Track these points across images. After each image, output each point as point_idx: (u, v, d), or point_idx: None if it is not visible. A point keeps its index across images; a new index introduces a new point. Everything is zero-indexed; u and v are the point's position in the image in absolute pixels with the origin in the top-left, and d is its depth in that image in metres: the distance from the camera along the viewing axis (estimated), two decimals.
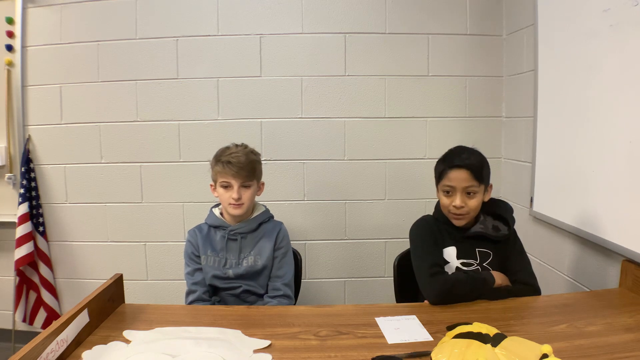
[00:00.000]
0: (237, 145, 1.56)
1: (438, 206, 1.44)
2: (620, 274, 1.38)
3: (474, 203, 1.32)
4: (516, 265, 1.36)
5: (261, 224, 1.58)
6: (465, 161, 1.30)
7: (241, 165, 1.47)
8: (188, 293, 1.53)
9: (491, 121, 2.28)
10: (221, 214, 1.59)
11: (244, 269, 1.52)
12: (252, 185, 1.52)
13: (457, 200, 1.31)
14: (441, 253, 1.38)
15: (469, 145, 1.41)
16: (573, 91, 1.66)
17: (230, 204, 1.49)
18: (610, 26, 1.43)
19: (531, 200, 1.97)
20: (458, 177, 1.30)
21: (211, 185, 1.57)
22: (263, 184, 1.62)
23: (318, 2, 2.21)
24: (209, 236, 1.57)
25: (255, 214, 1.59)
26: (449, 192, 1.33)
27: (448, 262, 1.38)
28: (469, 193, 1.31)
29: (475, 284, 1.26)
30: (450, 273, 1.34)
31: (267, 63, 2.23)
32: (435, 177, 1.40)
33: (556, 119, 1.78)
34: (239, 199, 1.48)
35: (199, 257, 1.55)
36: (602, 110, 1.49)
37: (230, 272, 1.52)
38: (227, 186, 1.50)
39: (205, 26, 2.22)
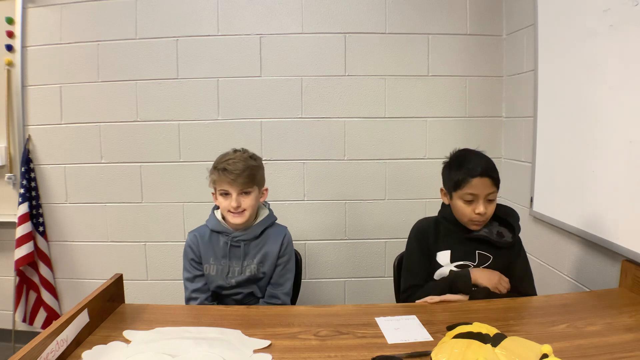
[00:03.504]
0: (235, 151, 1.49)
1: (446, 207, 1.42)
2: (620, 274, 1.38)
3: (493, 208, 1.34)
4: (520, 273, 1.39)
5: (265, 229, 1.52)
6: (486, 168, 1.30)
7: (238, 172, 1.40)
8: (188, 299, 1.49)
9: (491, 121, 2.28)
10: (223, 217, 1.51)
11: (246, 277, 1.48)
12: (252, 192, 1.45)
13: (481, 207, 1.30)
14: (432, 260, 1.40)
15: (474, 147, 1.40)
16: (573, 91, 1.66)
17: (229, 211, 1.43)
18: (610, 26, 1.43)
19: (531, 200, 1.97)
20: (481, 184, 1.29)
21: (212, 193, 1.51)
22: (266, 189, 1.55)
23: (318, 2, 2.21)
24: (210, 242, 1.50)
25: (259, 219, 1.52)
26: (471, 200, 1.32)
27: (441, 266, 1.38)
28: (489, 200, 1.32)
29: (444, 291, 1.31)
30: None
31: (267, 63, 2.23)
32: (450, 184, 1.36)
33: (556, 119, 1.78)
34: (238, 207, 1.42)
35: (200, 263, 1.50)
36: (602, 110, 1.49)
37: (233, 282, 1.48)
38: (225, 194, 1.44)
39: (205, 26, 2.22)
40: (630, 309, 1.18)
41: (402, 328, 1.08)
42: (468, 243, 1.38)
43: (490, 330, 0.93)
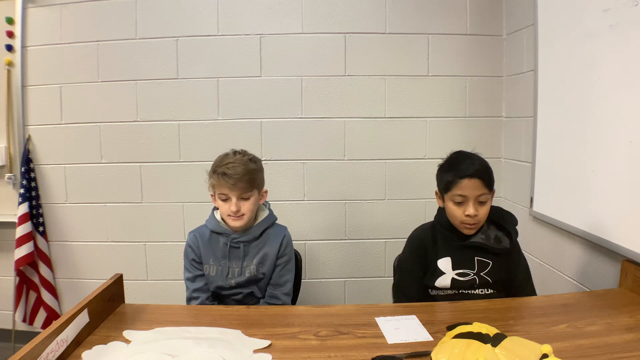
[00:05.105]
0: (235, 153, 1.47)
1: (442, 212, 1.42)
2: (620, 274, 1.38)
3: (485, 211, 1.32)
4: (522, 281, 1.40)
5: (265, 229, 1.51)
6: (477, 170, 1.29)
7: (238, 177, 1.38)
8: (189, 299, 1.49)
9: (491, 121, 2.28)
10: (223, 219, 1.50)
11: (246, 278, 1.48)
12: (252, 196, 1.44)
13: (471, 209, 1.28)
14: (429, 268, 1.39)
15: (469, 150, 1.39)
16: (573, 91, 1.66)
17: (229, 215, 1.43)
18: (610, 26, 1.43)
19: (531, 200, 1.97)
20: (471, 186, 1.28)
21: (212, 195, 1.49)
22: (266, 191, 1.54)
23: (318, 2, 2.21)
24: (210, 243, 1.50)
25: (258, 220, 1.51)
26: (461, 202, 1.30)
27: (444, 273, 1.37)
28: (480, 202, 1.30)
29: None
30: (442, 286, 1.36)
31: (267, 63, 2.23)
32: (441, 186, 1.36)
33: (556, 119, 1.78)
34: (237, 211, 1.41)
35: (200, 263, 1.50)
36: (602, 110, 1.49)
37: (233, 282, 1.48)
38: (225, 199, 1.43)
39: (205, 26, 2.22)
40: (630, 309, 1.18)
41: (402, 328, 1.08)
42: (466, 250, 1.37)
43: (490, 330, 0.93)
